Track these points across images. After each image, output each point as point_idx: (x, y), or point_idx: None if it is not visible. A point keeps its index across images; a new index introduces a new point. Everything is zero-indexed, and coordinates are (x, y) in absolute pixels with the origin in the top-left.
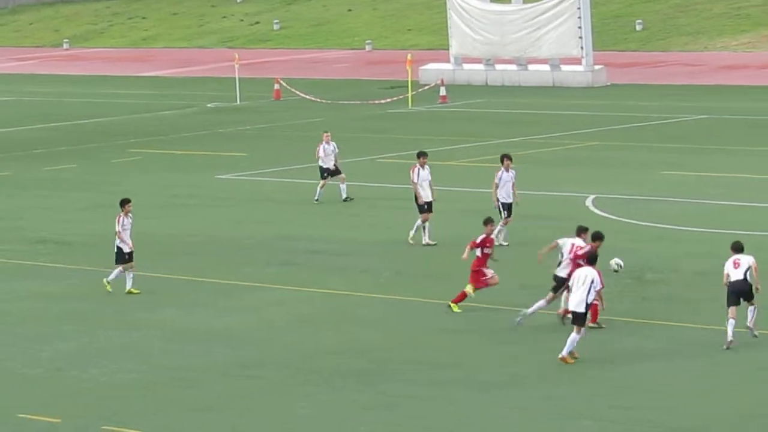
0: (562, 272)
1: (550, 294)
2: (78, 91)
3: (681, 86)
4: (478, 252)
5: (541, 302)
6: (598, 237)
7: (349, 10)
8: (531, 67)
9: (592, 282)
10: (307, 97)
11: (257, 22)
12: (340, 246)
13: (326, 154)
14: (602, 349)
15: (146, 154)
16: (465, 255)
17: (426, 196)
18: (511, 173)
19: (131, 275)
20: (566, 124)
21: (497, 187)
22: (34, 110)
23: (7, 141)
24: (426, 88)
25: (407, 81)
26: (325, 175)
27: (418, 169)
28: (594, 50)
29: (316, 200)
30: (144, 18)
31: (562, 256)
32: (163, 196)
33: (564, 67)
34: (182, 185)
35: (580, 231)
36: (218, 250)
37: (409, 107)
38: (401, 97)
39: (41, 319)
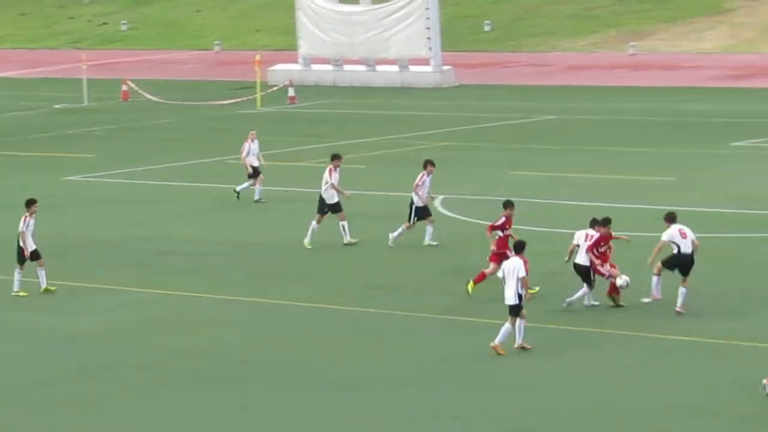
0: (579, 259)
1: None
2: None
3: (530, 87)
4: (499, 233)
5: (585, 289)
6: (603, 223)
7: (198, 11)
8: (379, 67)
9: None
10: (154, 98)
11: (105, 23)
12: (192, 247)
13: (252, 153)
14: (446, 350)
15: None
16: (490, 235)
17: (332, 197)
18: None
19: (43, 272)
20: (415, 124)
21: (417, 187)
22: None
23: None
24: (275, 88)
25: (256, 82)
26: (253, 173)
27: (333, 171)
28: (443, 51)
29: (237, 194)
30: None
31: (579, 247)
32: (11, 198)
33: (413, 68)
34: (30, 187)
35: (594, 223)
36: (69, 252)
37: (258, 108)
38: (250, 97)
39: None
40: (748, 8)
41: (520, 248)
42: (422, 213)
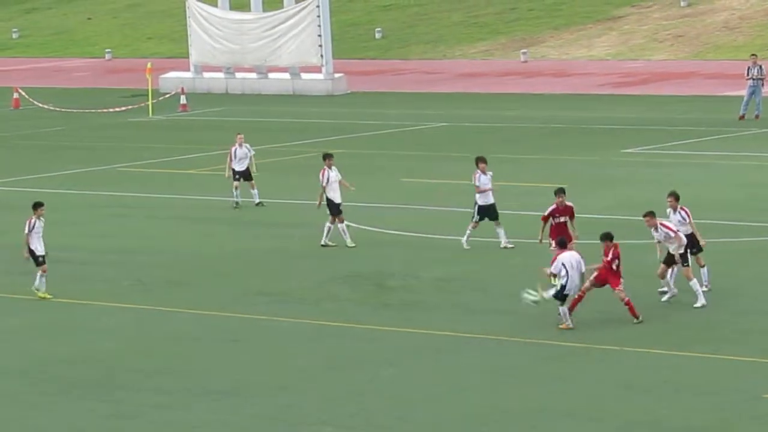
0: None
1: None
2: None
3: (421, 94)
4: (552, 222)
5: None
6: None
7: (89, 18)
8: (271, 75)
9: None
10: (44, 106)
11: None
12: (83, 255)
13: (239, 157)
14: (341, 355)
15: None
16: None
17: (337, 197)
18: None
19: (44, 279)
20: (307, 132)
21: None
22: None
23: None
24: (166, 96)
25: (147, 89)
26: (237, 177)
27: (327, 171)
28: (334, 58)
29: (236, 204)
30: None
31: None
32: None
33: (304, 76)
34: None
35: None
36: None
37: (150, 116)
38: (141, 105)
39: None
40: (637, 15)
41: (563, 244)
42: (488, 212)
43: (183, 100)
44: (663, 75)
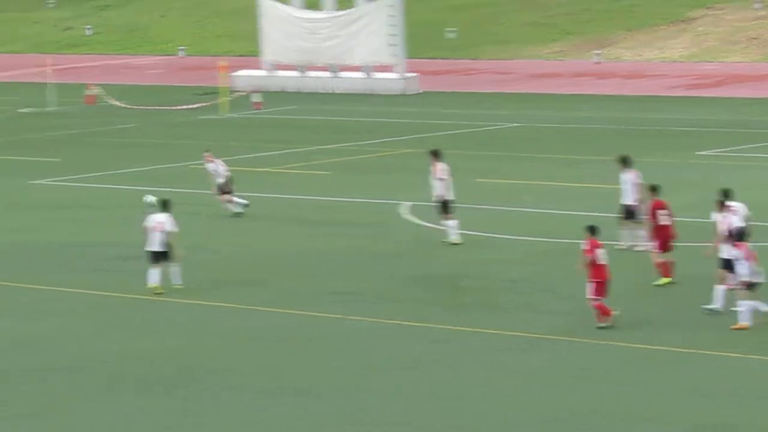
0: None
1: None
2: None
3: (492, 94)
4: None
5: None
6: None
7: (162, 16)
8: (344, 74)
9: None
10: (118, 103)
11: (70, 28)
12: None
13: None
14: (415, 356)
15: None
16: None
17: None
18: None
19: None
20: (379, 131)
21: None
22: None
23: None
24: (239, 94)
25: (220, 87)
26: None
27: (441, 166)
28: (406, 58)
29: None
30: None
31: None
32: None
33: (377, 75)
34: None
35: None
36: (30, 255)
37: (222, 114)
38: (214, 103)
39: None
40: (711, 17)
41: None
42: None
43: (256, 98)
44: (737, 77)
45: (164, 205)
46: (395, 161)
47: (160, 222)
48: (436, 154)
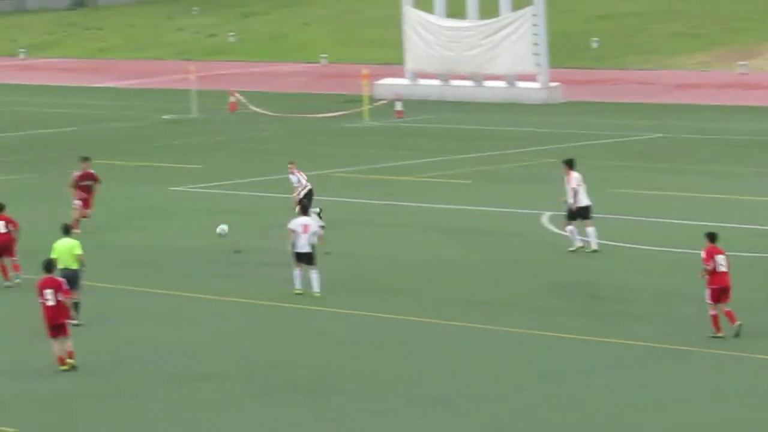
0: None
1: None
2: (33, 101)
3: (636, 104)
4: None
5: None
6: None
7: (305, 23)
8: (487, 83)
9: None
10: (259, 110)
11: (213, 35)
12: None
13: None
14: (551, 366)
15: (101, 165)
16: None
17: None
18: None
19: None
20: (521, 140)
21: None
22: None
23: None
24: (381, 102)
25: (363, 95)
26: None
27: (574, 175)
28: (550, 67)
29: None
30: (100, 29)
31: None
32: (118, 208)
33: (520, 84)
34: (137, 197)
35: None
36: (171, 261)
37: (365, 122)
38: (357, 111)
39: None
40: None
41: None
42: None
43: (398, 106)
44: None
45: (304, 210)
46: (537, 171)
47: (305, 224)
48: (569, 164)
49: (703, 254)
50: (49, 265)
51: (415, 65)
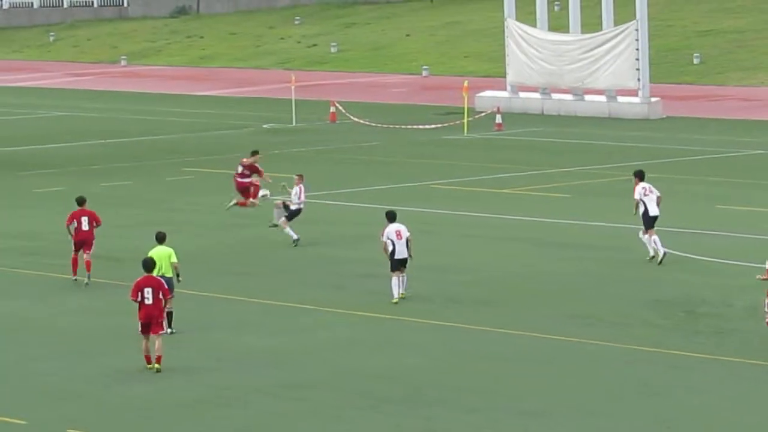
0: None
1: None
2: (134, 108)
3: (737, 121)
4: None
5: None
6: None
7: (407, 35)
8: (587, 97)
9: None
10: (360, 120)
11: (315, 45)
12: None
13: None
14: (651, 381)
15: (200, 173)
16: None
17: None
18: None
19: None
20: (621, 155)
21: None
22: (90, 126)
23: (62, 156)
24: (482, 115)
25: (463, 107)
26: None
27: (640, 186)
28: (651, 82)
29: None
30: (202, 37)
31: None
32: (216, 215)
33: (620, 99)
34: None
35: None
36: (269, 270)
37: (465, 134)
38: (457, 123)
39: (88, 334)
40: None
41: None
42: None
43: (498, 119)
44: None
45: (393, 217)
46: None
47: (398, 230)
48: (639, 175)
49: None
50: (149, 264)
51: (515, 78)
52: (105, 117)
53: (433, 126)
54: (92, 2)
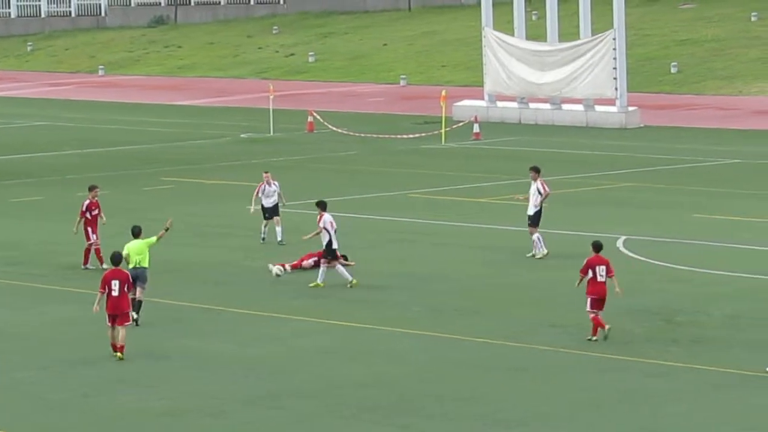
0: None
1: None
2: (112, 118)
3: (714, 130)
4: None
5: None
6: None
7: (385, 44)
8: (565, 106)
9: None
10: (338, 130)
11: (293, 54)
12: (373, 279)
13: (267, 195)
14: (628, 390)
15: (178, 182)
16: None
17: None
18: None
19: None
20: (599, 164)
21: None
22: (68, 136)
23: (40, 166)
24: (460, 124)
25: (441, 117)
26: (267, 215)
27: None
28: (628, 92)
29: (263, 240)
30: (180, 47)
31: None
32: (194, 225)
33: (598, 108)
34: (213, 215)
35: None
36: (246, 280)
37: (443, 143)
38: (435, 132)
39: (70, 344)
40: None
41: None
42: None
43: (476, 128)
44: None
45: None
46: (614, 194)
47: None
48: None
49: None
50: (116, 259)
51: (493, 87)
52: (83, 127)
53: (411, 135)
54: (70, 12)
